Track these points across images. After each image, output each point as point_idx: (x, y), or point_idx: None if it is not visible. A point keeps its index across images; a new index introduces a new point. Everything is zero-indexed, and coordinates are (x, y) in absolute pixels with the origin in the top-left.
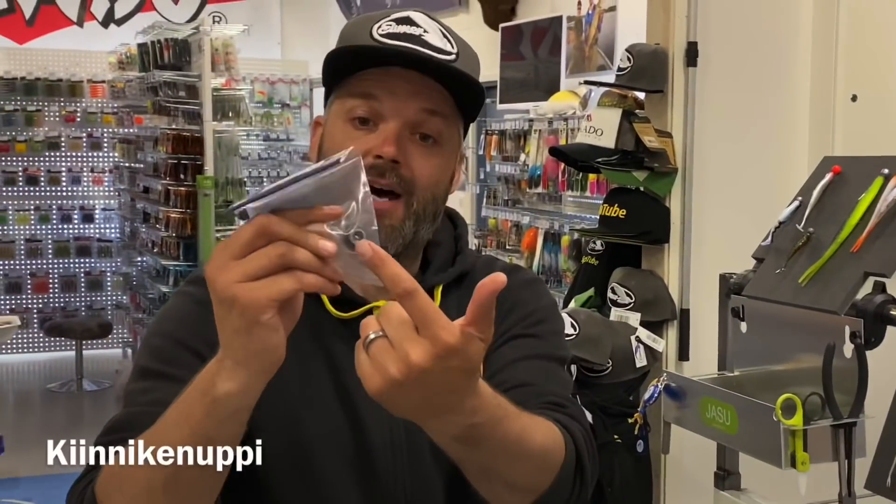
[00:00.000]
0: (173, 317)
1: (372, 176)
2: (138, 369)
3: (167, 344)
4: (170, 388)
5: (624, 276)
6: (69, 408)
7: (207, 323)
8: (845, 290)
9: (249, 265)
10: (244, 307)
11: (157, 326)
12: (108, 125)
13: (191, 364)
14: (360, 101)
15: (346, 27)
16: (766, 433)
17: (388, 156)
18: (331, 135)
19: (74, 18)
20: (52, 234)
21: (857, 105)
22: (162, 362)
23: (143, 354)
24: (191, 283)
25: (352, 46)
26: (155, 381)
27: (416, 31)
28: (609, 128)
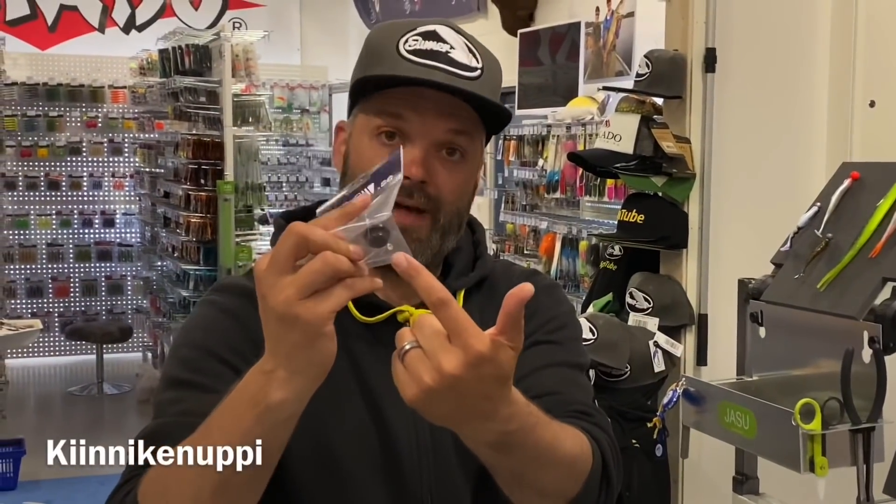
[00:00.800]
0: (200, 326)
1: (400, 196)
2: (167, 379)
3: (196, 354)
4: (201, 399)
5: (642, 281)
6: (90, 411)
7: (234, 331)
8: (864, 295)
9: (303, 282)
10: (307, 323)
11: (185, 337)
12: (129, 130)
13: (221, 374)
14: (387, 120)
15: (372, 37)
16: (784, 438)
17: (416, 177)
18: (357, 149)
19: (96, 24)
20: (74, 239)
21: (875, 111)
22: (192, 372)
23: (171, 365)
24: (216, 291)
25: (374, 76)
26: (185, 391)
27: (442, 48)
28: (627, 133)
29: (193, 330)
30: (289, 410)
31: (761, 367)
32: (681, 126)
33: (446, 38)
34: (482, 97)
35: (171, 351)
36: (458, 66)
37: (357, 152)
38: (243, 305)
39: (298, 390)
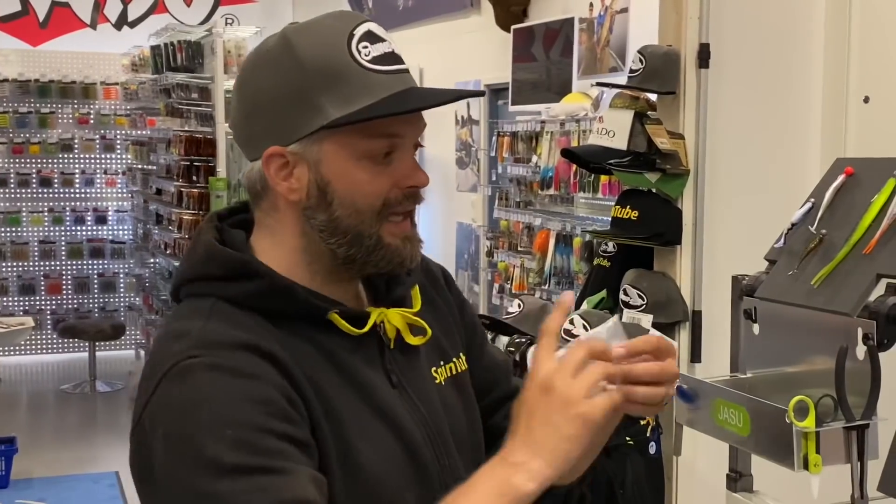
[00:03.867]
0: (227, 398)
1: (406, 205)
2: (224, 467)
3: (246, 434)
4: (287, 482)
5: (636, 278)
6: (82, 409)
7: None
8: (858, 291)
9: (591, 381)
10: (588, 419)
11: (219, 411)
12: (121, 127)
13: (284, 451)
14: (383, 141)
15: (311, 52)
16: (778, 435)
17: (425, 183)
18: (344, 175)
19: (88, 21)
20: (66, 236)
21: (869, 106)
22: (257, 455)
23: (219, 448)
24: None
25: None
26: (261, 477)
27: (389, 48)
28: (621, 129)
29: (223, 404)
30: (534, 497)
31: (755, 364)
32: (674, 122)
33: (380, 34)
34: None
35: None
36: (403, 62)
37: (344, 178)
38: (255, 362)
39: (546, 481)
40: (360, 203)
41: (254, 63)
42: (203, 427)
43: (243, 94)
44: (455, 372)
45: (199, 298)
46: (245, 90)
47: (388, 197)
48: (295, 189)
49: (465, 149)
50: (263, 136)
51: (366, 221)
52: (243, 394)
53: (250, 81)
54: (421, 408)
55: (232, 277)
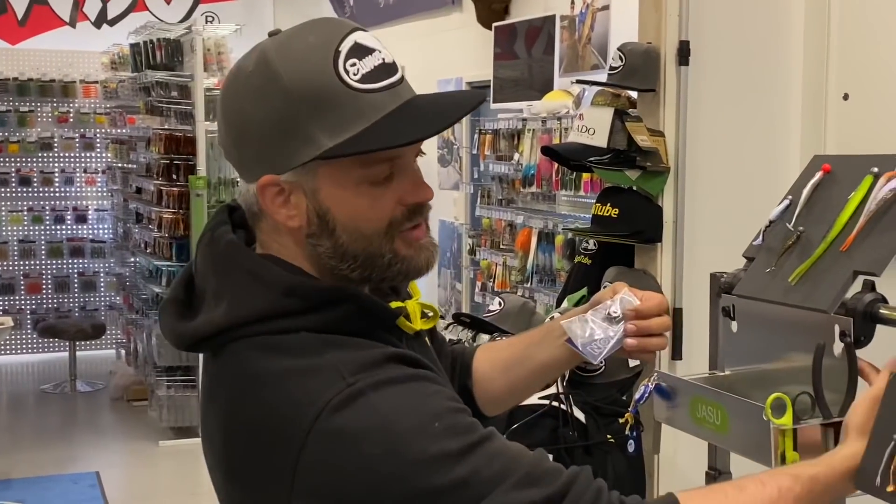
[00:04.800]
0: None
1: (412, 220)
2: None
3: (452, 420)
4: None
5: (617, 276)
6: (63, 409)
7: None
8: (835, 288)
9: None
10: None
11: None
12: (100, 125)
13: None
14: (384, 167)
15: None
16: (756, 432)
17: (430, 197)
18: (345, 203)
19: (67, 19)
20: (46, 235)
21: (848, 103)
22: (470, 432)
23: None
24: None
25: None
26: (485, 445)
27: (378, 59)
28: (601, 127)
29: (412, 407)
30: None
31: (733, 362)
32: (655, 119)
33: (369, 44)
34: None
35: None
36: (397, 70)
37: (346, 205)
38: (403, 367)
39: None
40: (365, 228)
41: (236, 89)
42: (411, 435)
43: (229, 121)
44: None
45: (282, 336)
46: (231, 117)
47: (393, 217)
48: (293, 216)
49: (446, 146)
50: (255, 163)
51: (374, 243)
52: (420, 392)
53: (235, 109)
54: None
55: (320, 307)
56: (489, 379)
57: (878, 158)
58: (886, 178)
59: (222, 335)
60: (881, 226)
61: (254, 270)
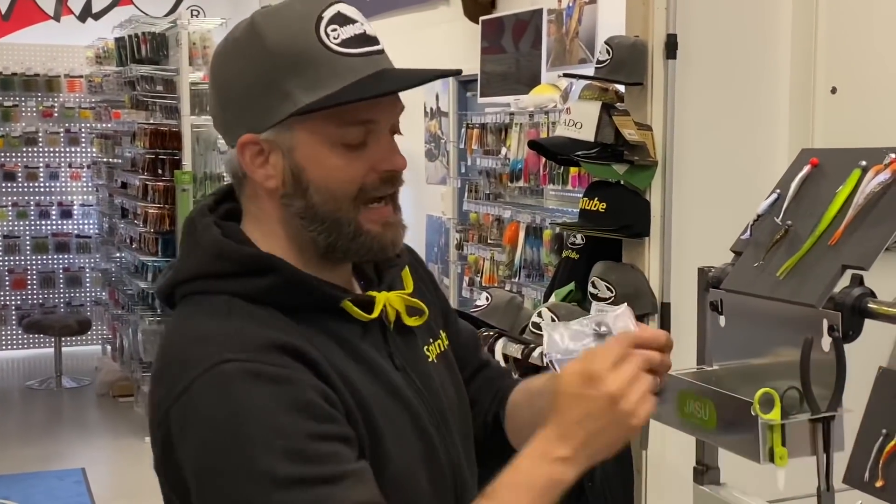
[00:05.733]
0: (271, 407)
1: (383, 189)
2: (281, 480)
3: (299, 443)
4: (334, 493)
5: (604, 270)
6: (48, 405)
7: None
8: (823, 283)
9: (644, 389)
10: (638, 425)
11: (266, 422)
12: (85, 120)
13: (337, 453)
14: (357, 129)
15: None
16: (744, 428)
17: (403, 167)
18: (318, 163)
19: (51, 13)
20: (30, 231)
21: (836, 97)
22: (311, 464)
23: (272, 460)
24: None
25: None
26: (316, 488)
27: (359, 29)
28: (588, 121)
29: (272, 414)
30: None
31: (721, 357)
32: (642, 113)
33: (351, 15)
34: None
35: (248, 443)
36: (376, 42)
37: (319, 166)
38: (287, 362)
39: (584, 469)
40: (336, 189)
41: (224, 51)
42: (251, 439)
43: (216, 82)
44: (442, 349)
45: (206, 296)
46: (218, 79)
47: (365, 182)
48: (271, 176)
49: (434, 141)
50: (237, 123)
51: (343, 208)
52: (286, 402)
53: (222, 70)
54: (422, 389)
55: (244, 273)
56: (518, 410)
57: (866, 152)
58: (874, 172)
59: (171, 294)
60: (869, 220)
61: (198, 235)
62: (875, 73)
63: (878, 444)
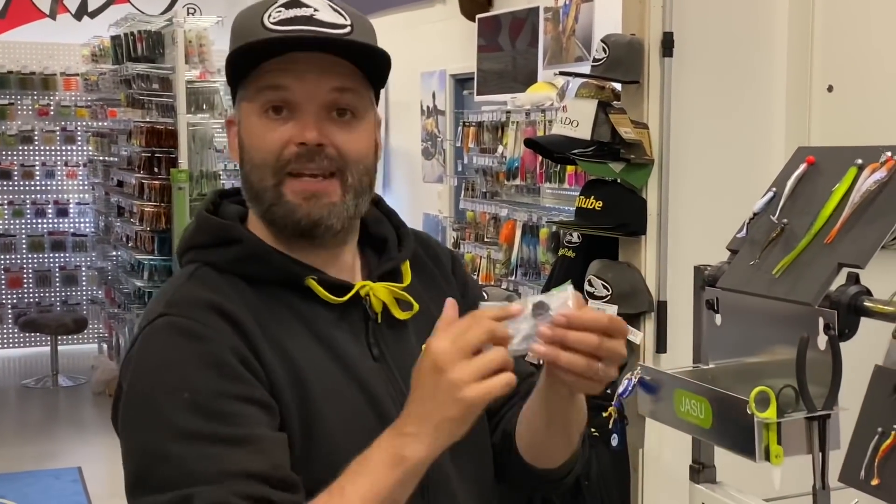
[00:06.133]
0: (189, 360)
1: (301, 163)
2: (180, 431)
3: (205, 398)
4: (236, 454)
5: (601, 269)
6: (45, 404)
7: (227, 357)
8: (819, 281)
9: (482, 368)
10: (470, 405)
11: (177, 374)
12: (81, 118)
13: (241, 413)
14: (269, 93)
15: (236, 21)
16: (740, 426)
17: (312, 141)
18: (249, 132)
19: (47, 11)
20: (26, 229)
21: (833, 95)
22: (212, 421)
23: (176, 412)
24: (174, 310)
25: (247, 44)
26: (215, 446)
27: (306, 13)
28: (585, 119)
29: (181, 367)
30: (422, 468)
31: (717, 355)
32: (638, 111)
33: (308, 2)
34: (354, 43)
35: (157, 390)
36: (324, 26)
37: (250, 136)
38: (214, 322)
39: (434, 452)
40: (256, 158)
41: None
42: (163, 389)
43: None
44: None
45: (188, 265)
46: None
47: (282, 154)
48: (234, 149)
49: (430, 139)
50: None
51: (265, 178)
52: (200, 357)
53: None
54: (400, 382)
55: (216, 244)
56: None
57: (862, 150)
58: (870, 170)
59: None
60: (865, 218)
61: (197, 212)
62: (871, 72)
63: (873, 442)
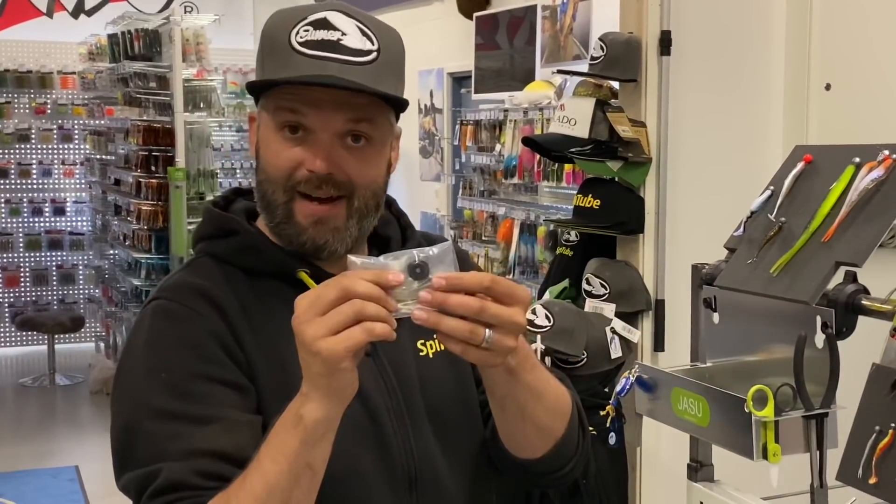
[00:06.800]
0: (171, 343)
1: (310, 188)
2: (152, 409)
3: (179, 378)
4: (202, 433)
5: (598, 267)
6: (42, 402)
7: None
8: (816, 280)
9: (330, 322)
10: (326, 358)
11: (156, 355)
12: (78, 117)
13: (212, 394)
14: (286, 115)
15: (267, 28)
16: (737, 425)
17: (321, 171)
18: (265, 142)
19: (44, 9)
20: (23, 228)
21: (830, 94)
22: (182, 401)
23: (152, 390)
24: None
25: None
26: (181, 424)
27: (334, 36)
28: (582, 117)
29: (161, 348)
30: (322, 428)
31: (715, 354)
32: (636, 110)
33: (337, 24)
34: (372, 90)
35: (139, 369)
36: (350, 53)
37: (265, 145)
38: (200, 306)
39: (327, 411)
40: (270, 171)
41: None
42: (143, 368)
43: None
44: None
45: (196, 256)
46: None
47: (294, 175)
48: (253, 146)
49: (428, 138)
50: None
51: (277, 194)
52: (179, 339)
53: None
54: (392, 376)
55: (218, 235)
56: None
57: (860, 149)
58: (868, 169)
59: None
60: (863, 216)
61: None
62: (869, 70)
63: (871, 440)
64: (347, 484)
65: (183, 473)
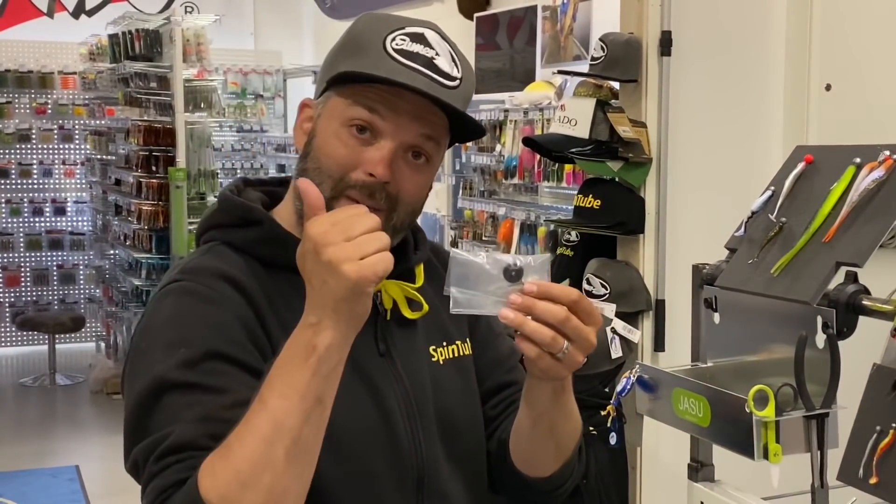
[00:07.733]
0: (190, 321)
1: (362, 195)
2: (168, 382)
3: (196, 354)
4: (217, 400)
5: (599, 267)
6: (42, 402)
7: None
8: (817, 280)
9: (363, 247)
10: (357, 281)
11: (175, 332)
12: (79, 117)
13: (228, 373)
14: (363, 112)
15: (359, 27)
16: (738, 425)
17: (382, 178)
18: (324, 133)
19: (44, 9)
20: (24, 228)
21: (831, 94)
22: (199, 374)
23: (168, 366)
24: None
25: (371, 75)
26: (197, 394)
27: (428, 53)
28: (583, 118)
29: (183, 325)
30: (337, 356)
31: (716, 354)
32: (636, 110)
33: (433, 43)
34: (461, 111)
35: (156, 346)
36: (440, 74)
37: (323, 136)
38: (226, 290)
39: (343, 335)
40: (324, 163)
41: None
42: (162, 343)
43: None
44: (457, 355)
45: (205, 244)
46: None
47: (349, 175)
48: (303, 133)
49: None
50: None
51: (324, 185)
52: (202, 317)
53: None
54: (405, 379)
55: (236, 224)
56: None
57: (861, 149)
58: (868, 169)
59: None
60: (863, 216)
61: (220, 193)
62: (869, 70)
63: (872, 440)
64: (358, 483)
65: (194, 435)
